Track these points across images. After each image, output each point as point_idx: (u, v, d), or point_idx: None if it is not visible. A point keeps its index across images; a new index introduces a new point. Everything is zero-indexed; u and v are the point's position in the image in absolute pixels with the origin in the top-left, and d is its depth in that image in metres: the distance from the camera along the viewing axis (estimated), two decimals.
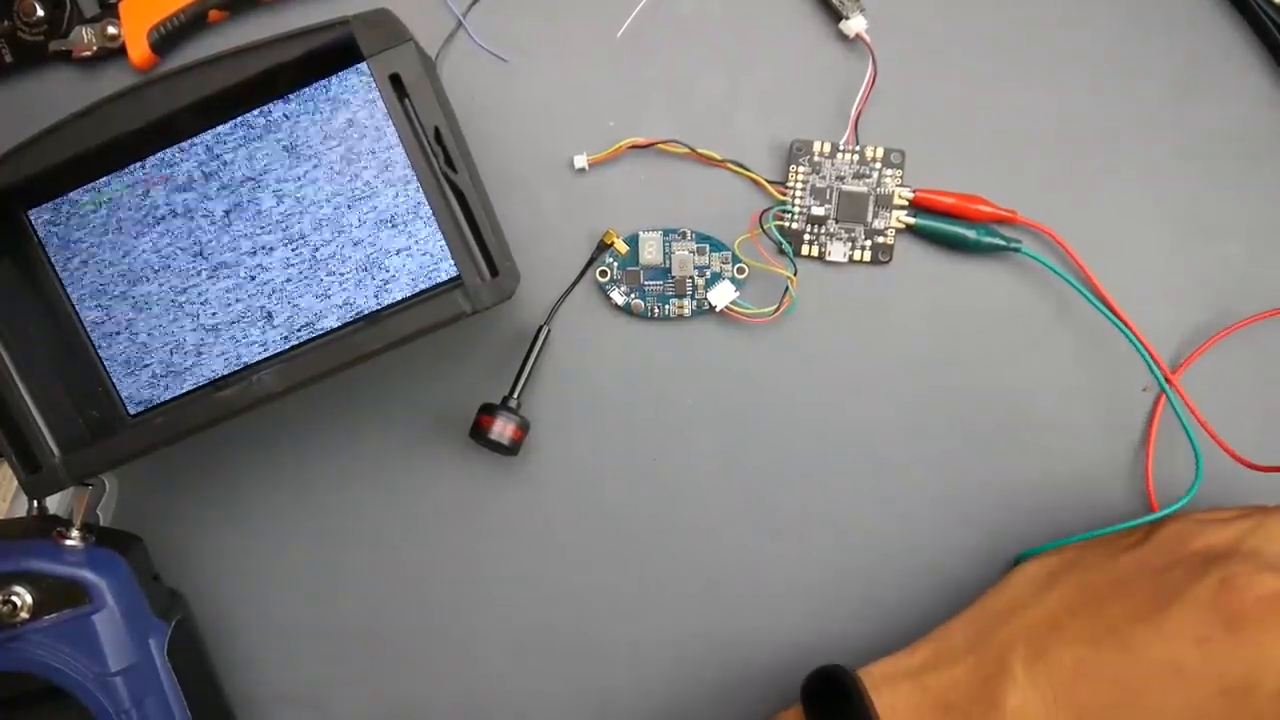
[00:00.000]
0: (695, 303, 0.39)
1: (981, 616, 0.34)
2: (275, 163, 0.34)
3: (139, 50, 0.37)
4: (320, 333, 0.35)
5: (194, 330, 0.35)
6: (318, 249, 0.35)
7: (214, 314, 0.35)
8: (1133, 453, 0.39)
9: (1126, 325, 0.37)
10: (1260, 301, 0.39)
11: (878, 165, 0.38)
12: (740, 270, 0.39)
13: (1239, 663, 0.30)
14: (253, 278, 0.35)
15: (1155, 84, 0.38)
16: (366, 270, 0.35)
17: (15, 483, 0.39)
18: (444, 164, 0.33)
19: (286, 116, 0.34)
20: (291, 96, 0.34)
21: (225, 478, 0.40)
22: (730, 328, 0.39)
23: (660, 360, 0.39)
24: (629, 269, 0.39)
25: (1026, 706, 0.31)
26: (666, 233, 0.39)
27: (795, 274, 0.38)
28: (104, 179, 0.34)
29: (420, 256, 0.35)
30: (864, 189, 0.38)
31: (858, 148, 0.38)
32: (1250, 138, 0.38)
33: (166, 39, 0.37)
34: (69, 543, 0.35)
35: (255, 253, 0.35)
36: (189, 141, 0.34)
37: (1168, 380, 0.38)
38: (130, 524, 0.40)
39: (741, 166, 0.38)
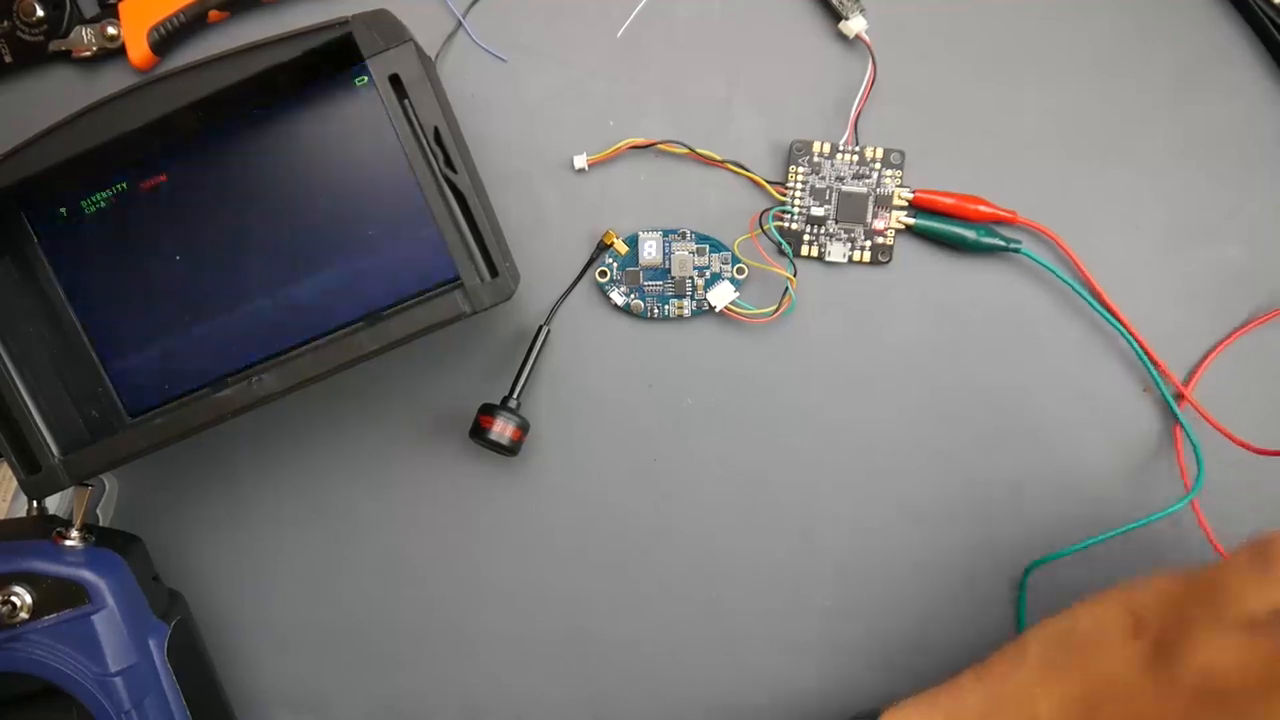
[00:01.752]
0: (695, 303, 0.39)
1: (994, 690, 0.33)
2: (275, 163, 0.34)
3: (139, 50, 0.37)
4: (320, 333, 0.35)
5: (193, 330, 0.35)
6: (316, 248, 0.35)
7: (213, 314, 0.35)
8: (1132, 452, 0.39)
9: (1125, 327, 0.38)
10: (1259, 302, 0.39)
11: (877, 166, 0.38)
12: (740, 270, 0.39)
13: None
14: (251, 277, 0.35)
15: (1154, 84, 0.38)
16: (365, 270, 0.35)
17: (15, 483, 0.39)
18: (443, 164, 0.33)
19: (286, 117, 0.34)
20: (291, 97, 0.34)
21: (225, 478, 0.40)
22: (730, 328, 0.39)
23: (660, 361, 0.39)
24: (629, 269, 0.39)
25: None
26: (666, 233, 0.39)
27: (795, 274, 0.38)
28: (104, 179, 0.34)
29: (420, 257, 0.35)
30: (863, 189, 0.38)
31: (857, 148, 0.38)
32: (1249, 137, 0.38)
33: (166, 39, 0.37)
34: (69, 543, 0.35)
35: (254, 252, 0.35)
36: (189, 142, 0.34)
37: (1168, 381, 0.38)
38: (130, 524, 0.40)
39: (741, 167, 0.38)
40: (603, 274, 0.39)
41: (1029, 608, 0.39)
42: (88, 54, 0.38)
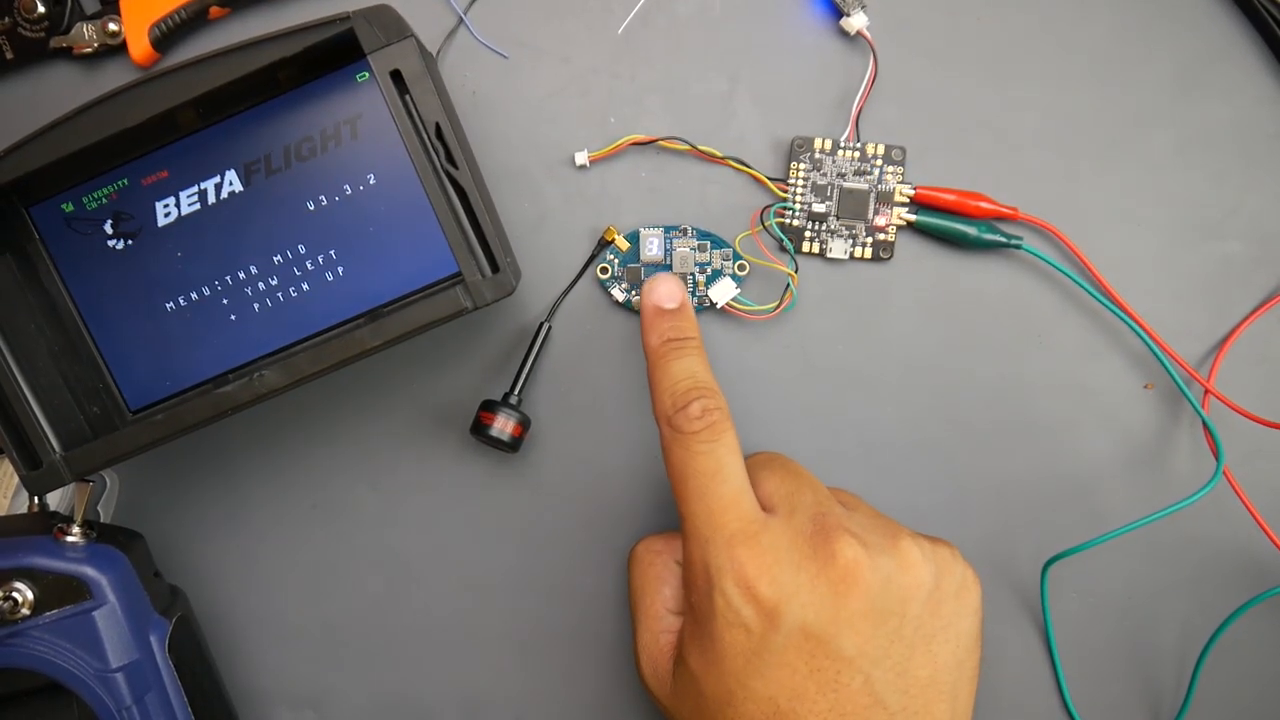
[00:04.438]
0: (696, 300, 0.39)
1: None
2: (275, 159, 0.34)
3: (140, 47, 0.37)
4: (321, 328, 0.35)
5: (195, 326, 0.35)
6: (317, 245, 0.35)
7: (214, 310, 0.35)
8: (1134, 450, 0.39)
9: (1134, 320, 0.37)
10: (1261, 298, 0.39)
11: (879, 162, 0.38)
12: (741, 267, 0.39)
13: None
14: (252, 273, 0.35)
15: (1156, 79, 0.38)
16: (367, 266, 0.35)
17: (16, 479, 0.39)
18: (445, 160, 0.33)
19: (287, 112, 0.34)
20: (292, 93, 0.34)
21: (226, 474, 0.40)
22: (731, 325, 0.39)
23: None
24: (630, 266, 0.39)
25: None
26: (667, 229, 0.39)
27: (796, 271, 0.38)
28: (105, 176, 0.34)
29: (421, 252, 0.35)
30: (865, 186, 0.38)
31: (858, 144, 0.38)
32: (1251, 132, 0.38)
33: (167, 35, 0.37)
34: (70, 539, 0.35)
35: (254, 248, 0.35)
36: (189, 138, 0.34)
37: (1180, 369, 0.38)
38: (131, 520, 0.40)
39: (742, 163, 0.38)
40: (604, 270, 0.39)
41: (1051, 604, 0.39)
42: (89, 50, 0.38)
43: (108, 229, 0.35)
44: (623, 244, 0.39)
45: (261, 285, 0.35)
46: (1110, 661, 0.40)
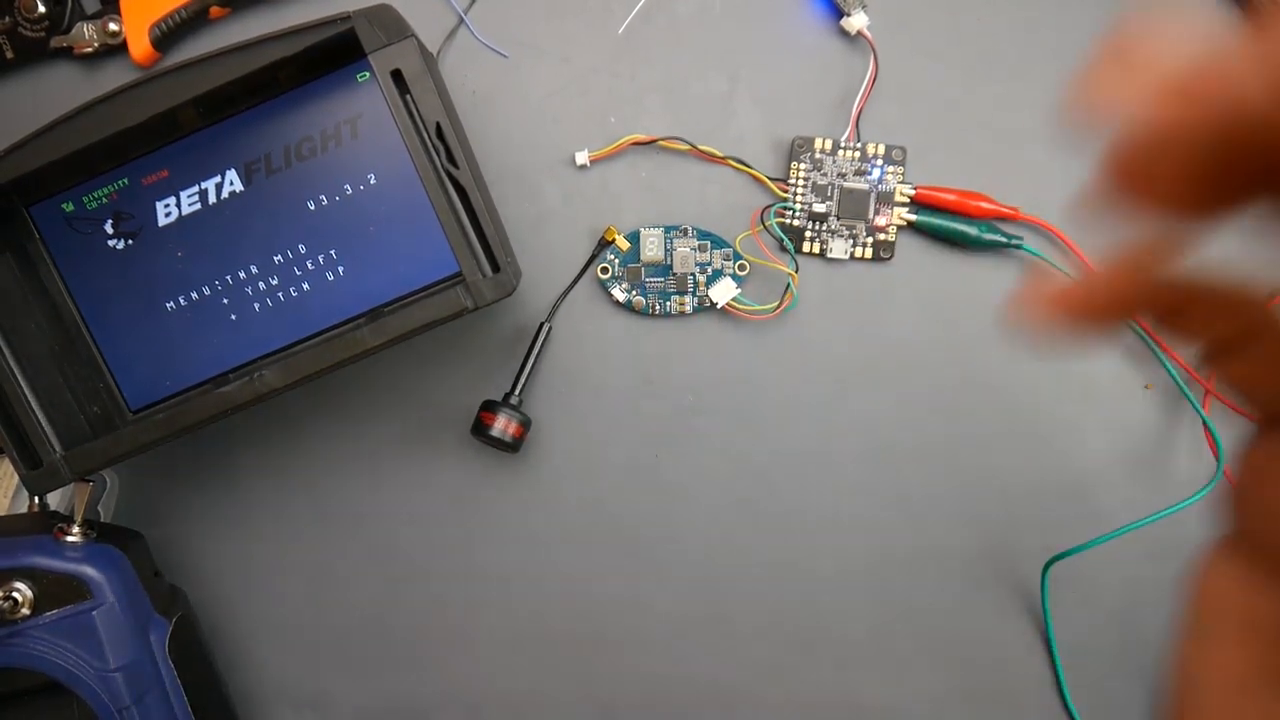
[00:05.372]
0: (696, 300, 0.39)
1: None
2: (276, 159, 0.34)
3: (140, 46, 0.37)
4: (321, 328, 0.35)
5: (195, 326, 0.35)
6: (318, 244, 0.35)
7: (214, 310, 0.35)
8: (1134, 450, 0.39)
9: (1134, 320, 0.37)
10: None
11: (879, 162, 0.38)
12: (741, 267, 0.39)
13: None
14: (252, 273, 0.35)
15: None
16: (367, 266, 0.35)
17: (16, 479, 0.39)
18: (445, 160, 0.33)
19: (287, 112, 0.34)
20: (292, 92, 0.34)
21: (226, 474, 0.40)
22: (731, 324, 0.39)
23: (661, 357, 0.39)
24: (630, 265, 0.39)
25: None
26: (668, 229, 0.39)
27: (796, 271, 0.38)
28: (105, 175, 0.34)
29: (421, 252, 0.35)
30: (865, 186, 0.38)
31: (859, 145, 0.38)
32: None
33: (168, 35, 0.37)
34: (70, 539, 0.35)
35: (255, 248, 0.35)
36: (189, 138, 0.34)
37: (1183, 370, 0.38)
38: (131, 520, 0.40)
39: (743, 163, 0.38)
40: (604, 270, 0.39)
41: (1051, 604, 0.39)
42: (89, 50, 0.38)
43: (108, 229, 0.35)
44: (623, 244, 0.38)
45: (262, 285, 0.35)
46: (1110, 661, 0.40)
